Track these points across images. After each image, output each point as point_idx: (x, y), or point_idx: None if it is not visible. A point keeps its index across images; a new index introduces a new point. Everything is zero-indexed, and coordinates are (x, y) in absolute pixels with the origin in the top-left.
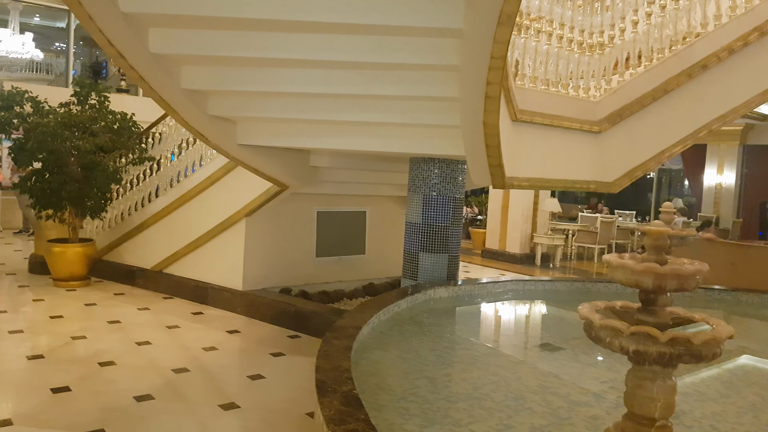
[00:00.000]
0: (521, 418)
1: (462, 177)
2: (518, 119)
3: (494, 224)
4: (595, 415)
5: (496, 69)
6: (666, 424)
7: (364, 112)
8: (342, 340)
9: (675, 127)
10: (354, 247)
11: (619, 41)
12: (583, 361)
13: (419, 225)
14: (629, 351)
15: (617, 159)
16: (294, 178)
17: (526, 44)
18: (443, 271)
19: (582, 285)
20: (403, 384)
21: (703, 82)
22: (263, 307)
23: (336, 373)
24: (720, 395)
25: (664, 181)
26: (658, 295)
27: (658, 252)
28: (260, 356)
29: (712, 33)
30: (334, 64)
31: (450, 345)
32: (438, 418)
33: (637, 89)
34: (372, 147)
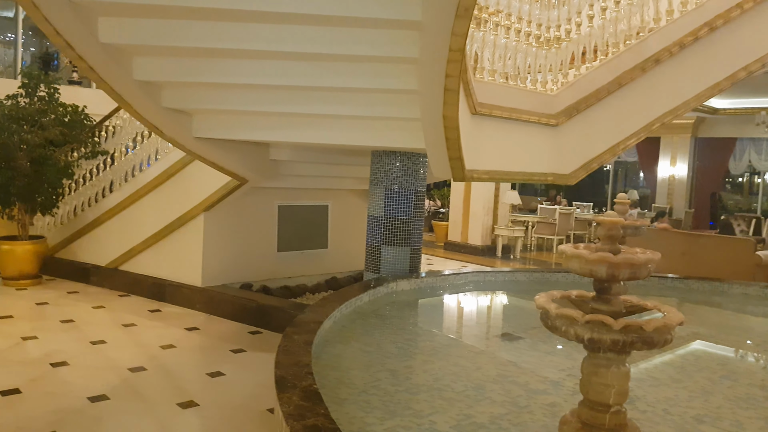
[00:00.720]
0: (481, 408)
1: (423, 170)
2: (478, 112)
3: (456, 217)
4: (553, 402)
5: (454, 62)
6: (620, 410)
7: (324, 104)
8: (303, 334)
9: (629, 119)
10: (316, 241)
11: (575, 35)
12: (542, 350)
13: (381, 218)
14: (584, 339)
15: (574, 151)
16: (253, 171)
17: (484, 38)
18: (405, 264)
19: (541, 275)
20: (364, 377)
21: (656, 75)
22: (223, 303)
23: (296, 369)
24: (672, 380)
25: (620, 173)
26: (611, 284)
27: (611, 242)
28: (220, 353)
29: (664, 28)
30: (292, 56)
31: (412, 337)
32: (399, 410)
33: (592, 83)
34: (333, 140)
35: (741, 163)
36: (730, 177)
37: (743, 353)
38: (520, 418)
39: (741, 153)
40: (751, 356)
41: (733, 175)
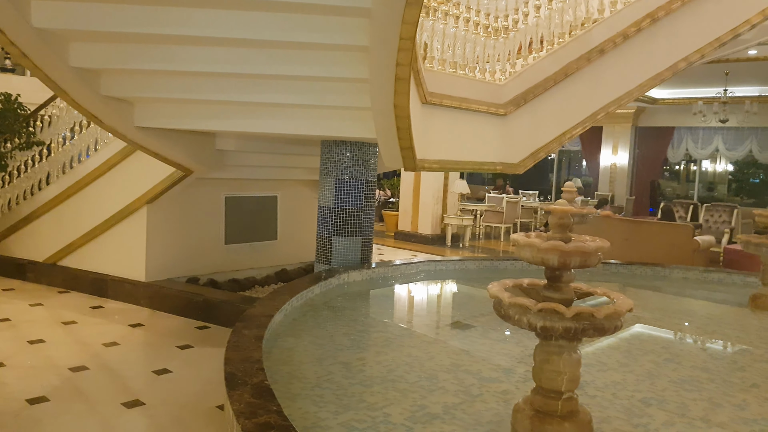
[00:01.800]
0: (435, 398)
1: (374, 160)
2: (428, 102)
3: (406, 206)
4: (506, 390)
5: (405, 50)
6: (572, 396)
7: (272, 92)
8: (253, 329)
9: (575, 109)
10: (265, 233)
11: (522, 25)
12: (493, 338)
13: (332, 209)
14: (537, 327)
15: (522, 141)
16: (198, 162)
17: (434, 27)
18: (357, 255)
19: (490, 263)
20: (317, 371)
21: (601, 66)
22: (169, 298)
23: (246, 365)
24: (620, 364)
25: (564, 161)
26: (562, 272)
27: (562, 230)
28: (166, 350)
29: (608, 19)
30: (239, 42)
31: (364, 328)
32: (353, 404)
33: (539, 73)
34: (281, 129)
35: (679, 152)
36: (668, 165)
37: (685, 336)
38: (473, 407)
39: (679, 142)
40: (693, 339)
41: (671, 163)
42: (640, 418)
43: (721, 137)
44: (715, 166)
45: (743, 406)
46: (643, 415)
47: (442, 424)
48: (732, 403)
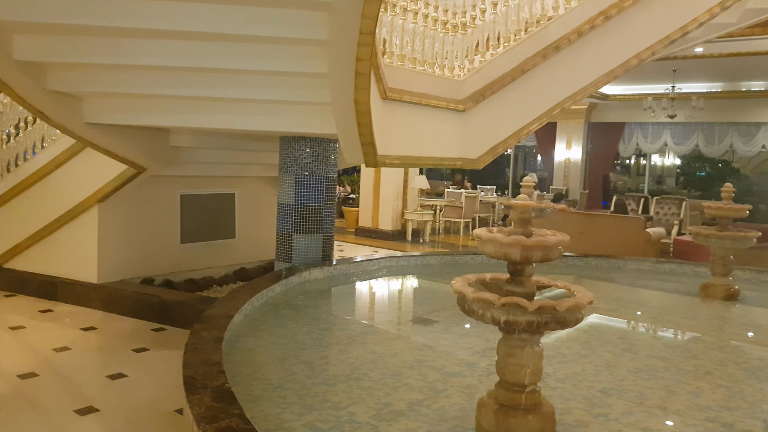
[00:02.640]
0: (399, 395)
1: (334, 156)
2: (388, 97)
3: (366, 202)
4: (470, 384)
5: (365, 45)
6: (535, 389)
7: (229, 87)
8: (212, 330)
9: (532, 105)
10: (223, 231)
11: (480, 22)
12: (456, 332)
13: (292, 206)
14: (500, 322)
15: (481, 136)
16: (152, 159)
17: (393, 22)
18: (318, 252)
19: (451, 258)
20: (279, 371)
21: (556, 62)
22: (123, 300)
23: (206, 367)
24: (579, 355)
25: (520, 157)
26: (524, 266)
27: (523, 225)
28: (121, 353)
29: (563, 16)
30: (194, 35)
31: (327, 326)
32: (316, 404)
33: (497, 69)
34: (238, 125)
35: (629, 146)
36: (619, 159)
37: (641, 326)
38: (438, 403)
39: (629, 137)
40: (648, 329)
41: (622, 158)
42: (600, 408)
43: (670, 132)
44: (663, 160)
45: (697, 393)
46: (603, 405)
47: (408, 421)
48: (687, 391)
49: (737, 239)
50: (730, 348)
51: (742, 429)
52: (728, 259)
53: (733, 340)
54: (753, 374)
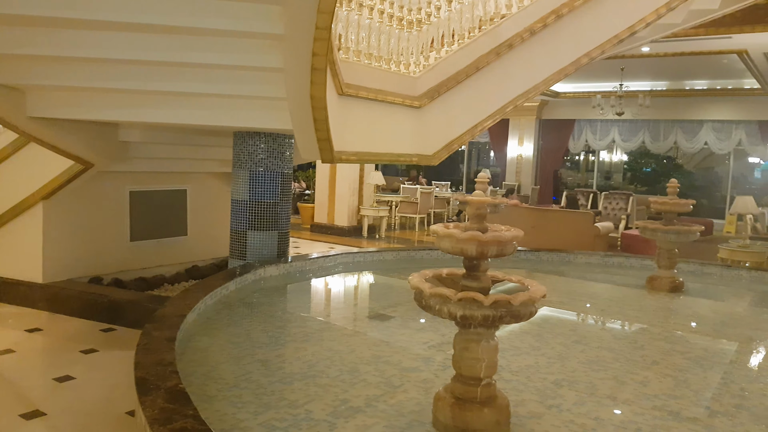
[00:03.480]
0: (356, 391)
1: (290, 152)
2: (344, 93)
3: (322, 198)
4: (426, 379)
5: (321, 40)
6: (490, 382)
7: (180, 81)
8: (164, 330)
9: (486, 102)
10: (174, 229)
11: (435, 19)
12: (412, 327)
13: (246, 202)
14: (457, 316)
15: (436, 133)
16: (99, 154)
17: (349, 17)
18: (273, 249)
19: (407, 254)
20: (234, 370)
21: (510, 60)
22: (70, 299)
23: (158, 368)
24: (532, 348)
25: (474, 153)
26: (480, 261)
27: (479, 220)
28: (68, 355)
29: (516, 14)
30: (144, 28)
31: (283, 324)
32: (273, 402)
33: (452, 66)
34: (190, 120)
35: (579, 143)
36: (569, 155)
37: (591, 318)
38: (395, 398)
39: (579, 133)
40: (598, 321)
41: (572, 154)
42: (553, 400)
43: (617, 129)
44: (611, 156)
45: (645, 382)
46: (555, 396)
47: (365, 417)
48: (635, 381)
49: (682, 233)
50: (676, 338)
51: (687, 416)
52: (673, 252)
53: (678, 330)
54: (697, 363)
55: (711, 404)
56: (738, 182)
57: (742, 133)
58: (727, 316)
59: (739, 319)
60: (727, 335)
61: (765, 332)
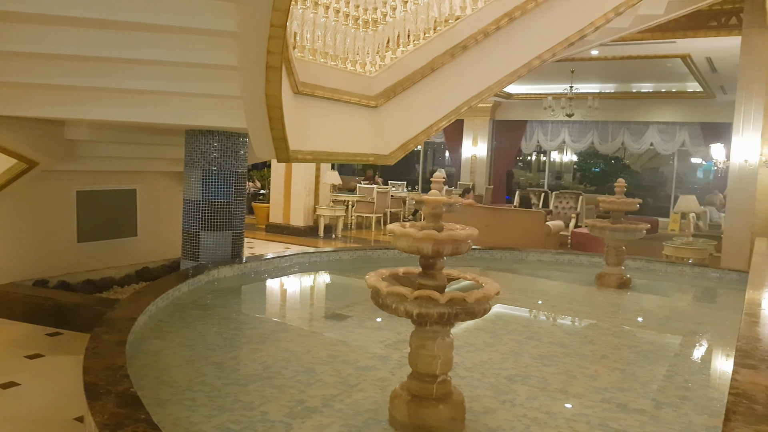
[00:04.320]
0: (313, 391)
1: (244, 150)
2: (300, 92)
3: (277, 198)
4: (383, 377)
5: (276, 38)
6: (446, 379)
7: (130, 78)
8: (114, 333)
9: (442, 102)
10: (124, 229)
11: (391, 19)
12: (369, 326)
13: (199, 202)
14: (413, 314)
15: (393, 132)
16: (44, 153)
17: (304, 15)
18: (227, 250)
19: (363, 253)
20: (187, 373)
21: (464, 61)
22: (13, 303)
23: (108, 372)
24: (486, 344)
25: (430, 153)
26: (436, 260)
27: (435, 219)
28: (12, 361)
29: (470, 16)
30: (92, 23)
31: (237, 325)
32: (227, 405)
33: (408, 66)
34: (140, 118)
35: (531, 143)
36: (521, 156)
37: (543, 315)
38: (352, 397)
39: (531, 134)
40: (549, 317)
41: (524, 154)
42: (506, 395)
43: (568, 130)
44: (562, 156)
45: (595, 376)
46: (509, 391)
47: (321, 417)
48: (585, 374)
49: (629, 231)
50: (623, 333)
51: (634, 408)
52: (621, 249)
53: (625, 325)
54: (644, 357)
55: (657, 396)
56: (682, 182)
57: (685, 135)
58: (671, 311)
59: (682, 314)
60: (671, 329)
61: (707, 326)
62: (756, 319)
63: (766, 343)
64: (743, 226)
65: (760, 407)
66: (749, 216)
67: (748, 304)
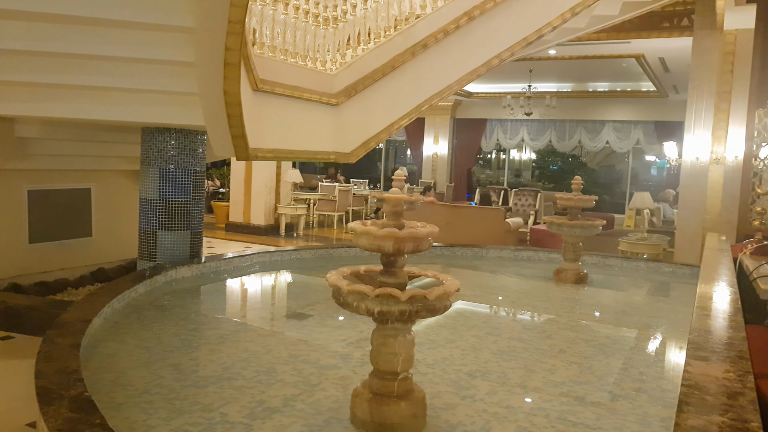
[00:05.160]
0: (273, 392)
1: (202, 148)
2: (259, 89)
3: (237, 197)
4: (344, 376)
5: (235, 34)
6: (407, 376)
7: (83, 74)
8: (68, 336)
9: (403, 101)
10: (78, 229)
11: (351, 17)
12: (330, 325)
13: (156, 201)
14: (375, 312)
15: (354, 130)
16: None
17: (263, 12)
18: (186, 250)
19: (325, 252)
20: (144, 376)
21: (425, 60)
22: None
23: (62, 376)
24: (447, 341)
25: (391, 151)
26: (397, 258)
27: (396, 217)
28: None
29: (430, 15)
30: (43, 17)
31: (196, 326)
32: (186, 407)
33: (368, 64)
34: (94, 115)
35: (491, 142)
36: (482, 154)
37: (503, 310)
38: (313, 397)
39: (491, 132)
40: (509, 312)
41: (484, 152)
42: (467, 390)
43: (526, 128)
44: (521, 154)
45: (553, 370)
46: (469, 387)
47: (282, 417)
48: (544, 369)
49: (585, 227)
50: (581, 327)
51: (591, 401)
52: (578, 245)
53: (583, 320)
54: (600, 350)
55: (613, 389)
56: (636, 179)
57: (640, 133)
58: (627, 305)
59: (637, 308)
60: (627, 323)
61: (661, 319)
62: (707, 312)
63: (716, 335)
64: (695, 221)
65: (711, 398)
66: (701, 212)
67: (700, 297)
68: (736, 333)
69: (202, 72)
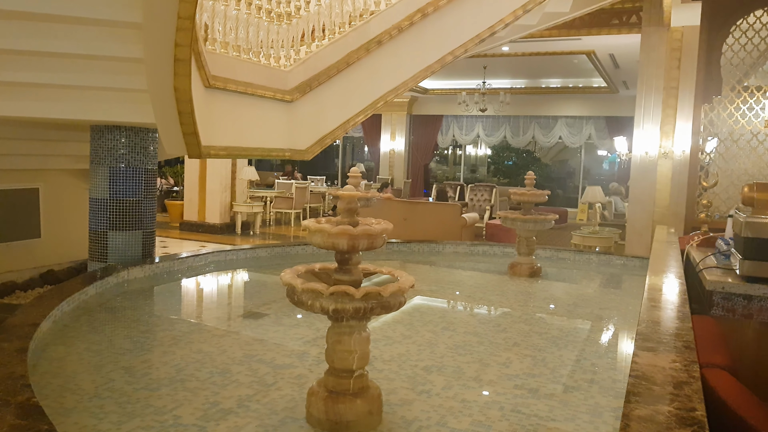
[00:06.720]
0: (228, 393)
1: (154, 146)
2: (212, 86)
3: (192, 195)
4: (300, 374)
5: (185, 30)
6: (363, 373)
7: (27, 71)
8: (14, 341)
9: (358, 97)
10: (25, 231)
11: (305, 12)
12: (286, 324)
13: (106, 200)
14: (329, 310)
15: (309, 127)
16: None
17: (214, 7)
18: (138, 250)
19: (282, 250)
20: (94, 380)
21: (379, 56)
22: None
23: (8, 382)
24: (403, 337)
25: (348, 147)
26: (351, 255)
27: (350, 214)
28: None
29: (384, 12)
30: None
31: (148, 328)
32: (138, 410)
33: (323, 61)
34: (39, 113)
35: (447, 138)
36: (438, 150)
37: (459, 305)
38: (268, 397)
39: (447, 128)
40: (465, 307)
41: (441, 148)
42: (423, 386)
43: (482, 124)
44: (476, 150)
45: (507, 363)
46: (425, 382)
47: (237, 419)
48: (498, 362)
49: (538, 222)
50: (534, 320)
51: (545, 393)
52: (531, 240)
53: (537, 312)
54: (554, 343)
55: (566, 380)
56: (589, 173)
57: (591, 128)
58: (579, 298)
59: (589, 300)
60: (579, 315)
61: (612, 311)
62: (656, 304)
63: (664, 326)
64: (645, 214)
65: (658, 388)
66: (650, 205)
67: (649, 289)
68: (683, 323)
69: (151, 69)
